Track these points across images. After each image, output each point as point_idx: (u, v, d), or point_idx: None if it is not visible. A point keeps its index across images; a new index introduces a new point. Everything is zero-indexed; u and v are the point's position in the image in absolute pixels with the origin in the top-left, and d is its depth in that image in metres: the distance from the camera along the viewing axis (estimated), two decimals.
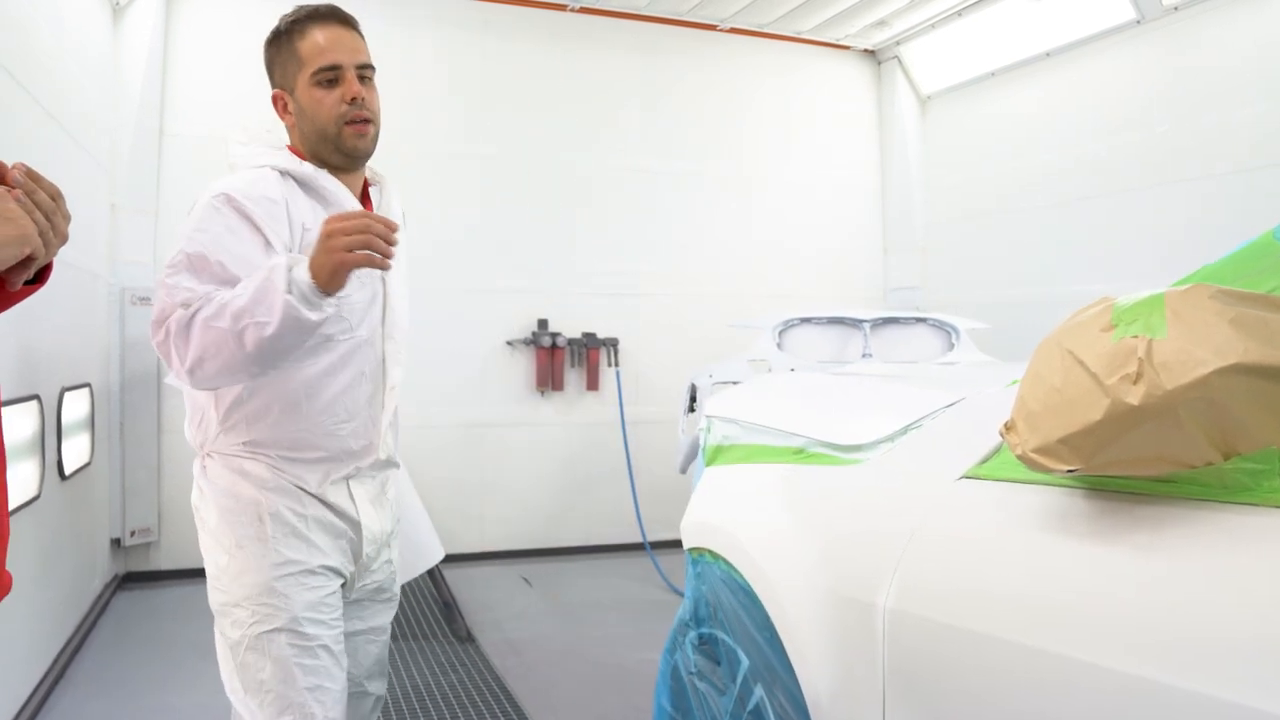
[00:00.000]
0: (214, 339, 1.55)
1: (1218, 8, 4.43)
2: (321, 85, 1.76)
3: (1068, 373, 1.09)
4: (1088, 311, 1.13)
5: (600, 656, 3.93)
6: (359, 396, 1.82)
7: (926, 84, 6.30)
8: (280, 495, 1.76)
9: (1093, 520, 1.18)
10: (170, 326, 1.58)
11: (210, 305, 1.57)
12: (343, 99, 1.76)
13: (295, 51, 1.78)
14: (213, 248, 1.64)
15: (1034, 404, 1.14)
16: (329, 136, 1.78)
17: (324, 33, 1.78)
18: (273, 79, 1.86)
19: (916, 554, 1.44)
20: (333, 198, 1.79)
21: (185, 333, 1.57)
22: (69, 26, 4.02)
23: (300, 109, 1.79)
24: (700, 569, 2.09)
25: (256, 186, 1.72)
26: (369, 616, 1.96)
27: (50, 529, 3.59)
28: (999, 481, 1.37)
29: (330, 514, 1.81)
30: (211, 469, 1.80)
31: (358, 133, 1.78)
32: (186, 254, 1.64)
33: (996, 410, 1.54)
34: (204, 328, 1.55)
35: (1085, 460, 1.09)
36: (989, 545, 1.33)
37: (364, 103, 1.77)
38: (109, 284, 4.74)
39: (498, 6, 5.60)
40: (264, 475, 1.76)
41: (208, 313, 1.56)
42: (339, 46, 1.78)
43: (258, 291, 1.53)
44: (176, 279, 1.62)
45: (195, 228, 1.66)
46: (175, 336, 1.58)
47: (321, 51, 1.77)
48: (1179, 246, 4.58)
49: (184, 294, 1.60)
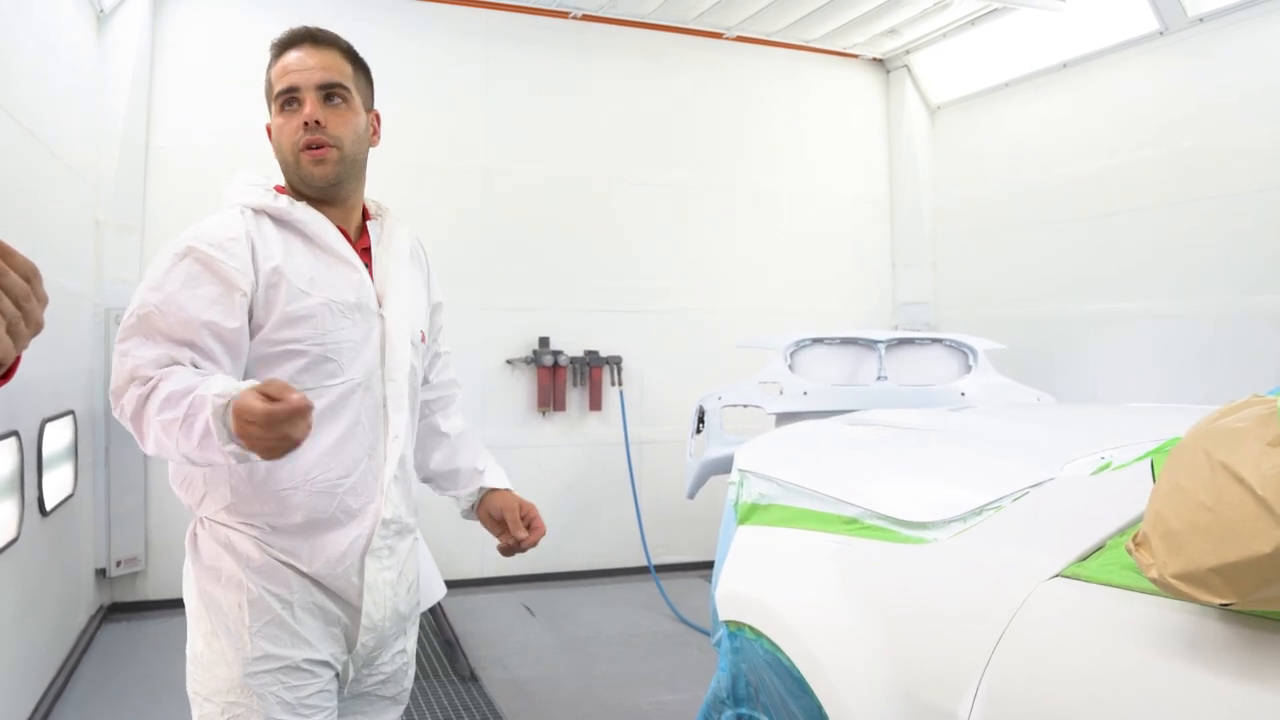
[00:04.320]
0: (162, 434, 1.41)
1: (1244, 20, 4.28)
2: (283, 111, 1.64)
3: (1222, 491, 0.93)
4: (1241, 414, 0.97)
5: (610, 697, 3.75)
6: (356, 448, 1.62)
7: (936, 94, 6.14)
8: (265, 578, 1.57)
9: (1236, 652, 1.01)
10: (125, 406, 1.47)
11: (158, 395, 1.43)
12: (301, 123, 1.62)
13: (268, 78, 1.68)
14: (166, 306, 1.50)
15: (1175, 521, 0.98)
16: (290, 165, 1.65)
17: (290, 54, 1.65)
18: None
19: (1007, 662, 1.28)
20: (309, 230, 1.63)
21: (140, 418, 1.45)
22: (52, 38, 3.83)
23: (272, 139, 1.68)
24: (739, 644, 1.92)
25: (220, 229, 1.58)
26: (372, 714, 1.73)
27: (31, 569, 3.40)
28: (1106, 586, 1.21)
29: (324, 597, 1.61)
30: (200, 539, 1.64)
31: (313, 159, 1.62)
32: (137, 316, 1.51)
33: (1091, 498, 1.38)
34: (156, 421, 1.42)
35: (1243, 595, 0.93)
36: (1099, 662, 1.17)
37: (318, 126, 1.61)
38: (94, 304, 4.54)
39: (498, 14, 5.42)
40: (250, 553, 1.58)
41: (156, 403, 1.43)
42: (300, 67, 1.63)
43: (189, 410, 1.39)
44: (127, 344, 1.49)
45: (150, 285, 1.53)
46: (132, 418, 1.46)
47: (283, 75, 1.64)
48: (1201, 267, 4.44)
49: (133, 362, 1.47)
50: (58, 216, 3.99)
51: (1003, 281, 5.66)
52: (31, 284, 0.92)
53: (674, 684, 3.88)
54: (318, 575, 1.59)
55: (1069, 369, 5.08)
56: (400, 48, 5.17)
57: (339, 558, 1.60)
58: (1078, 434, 1.87)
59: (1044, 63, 5.29)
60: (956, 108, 6.04)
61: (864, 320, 6.10)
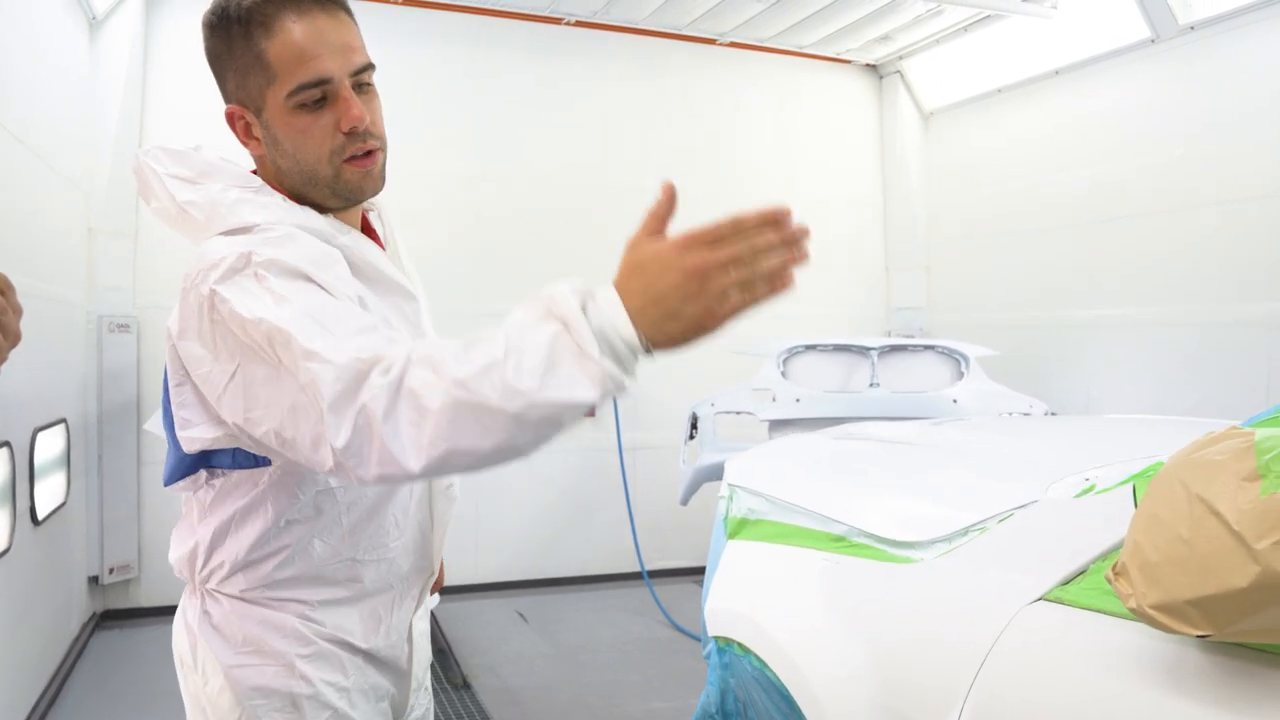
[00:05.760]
0: (470, 422, 0.95)
1: (1236, 28, 4.29)
2: (305, 108, 1.23)
3: (1199, 524, 0.94)
4: (1218, 447, 0.98)
5: (602, 705, 3.76)
6: (407, 500, 1.38)
7: (929, 100, 6.16)
8: (320, 665, 1.30)
9: (1215, 682, 1.02)
10: (369, 407, 0.98)
11: (426, 363, 0.99)
12: (338, 126, 1.24)
13: (259, 55, 1.22)
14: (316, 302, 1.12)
15: (1153, 553, 0.99)
16: (322, 179, 1.27)
17: (301, 25, 1.22)
18: (224, 87, 1.31)
19: (991, 684, 1.29)
20: (354, 255, 1.28)
21: (404, 408, 0.97)
22: (44, 45, 3.82)
23: (275, 140, 1.27)
24: (728, 659, 1.93)
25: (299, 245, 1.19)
26: None
27: (23, 578, 3.40)
28: (1088, 611, 1.22)
29: (376, 674, 1.38)
30: (219, 617, 1.30)
31: (362, 169, 1.28)
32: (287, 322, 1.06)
33: (1074, 522, 1.39)
34: (451, 403, 0.95)
35: (1220, 628, 0.94)
36: (1081, 688, 1.18)
37: (369, 128, 1.27)
38: (86, 312, 4.53)
39: (491, 20, 5.42)
40: (299, 632, 1.29)
41: (453, 376, 0.96)
42: (325, 45, 1.22)
43: (548, 350, 0.95)
44: (309, 350, 1.03)
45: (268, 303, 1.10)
46: (387, 418, 0.97)
47: (301, 58, 1.21)
48: (1193, 273, 4.46)
49: (346, 355, 1.01)
50: (50, 224, 3.98)
51: (996, 287, 5.68)
52: (5, 296, 0.92)
53: (666, 692, 3.89)
54: (375, 650, 1.37)
55: (1061, 375, 5.10)
56: (389, 53, 5.11)
57: (395, 626, 1.39)
58: (1064, 451, 1.89)
59: (1036, 69, 5.30)
60: (949, 114, 6.06)
61: (858, 325, 6.11)
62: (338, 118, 1.24)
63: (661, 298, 0.95)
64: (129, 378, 4.68)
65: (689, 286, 0.94)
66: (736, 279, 0.94)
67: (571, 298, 0.98)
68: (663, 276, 0.95)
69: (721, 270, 0.94)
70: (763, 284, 0.95)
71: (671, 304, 0.95)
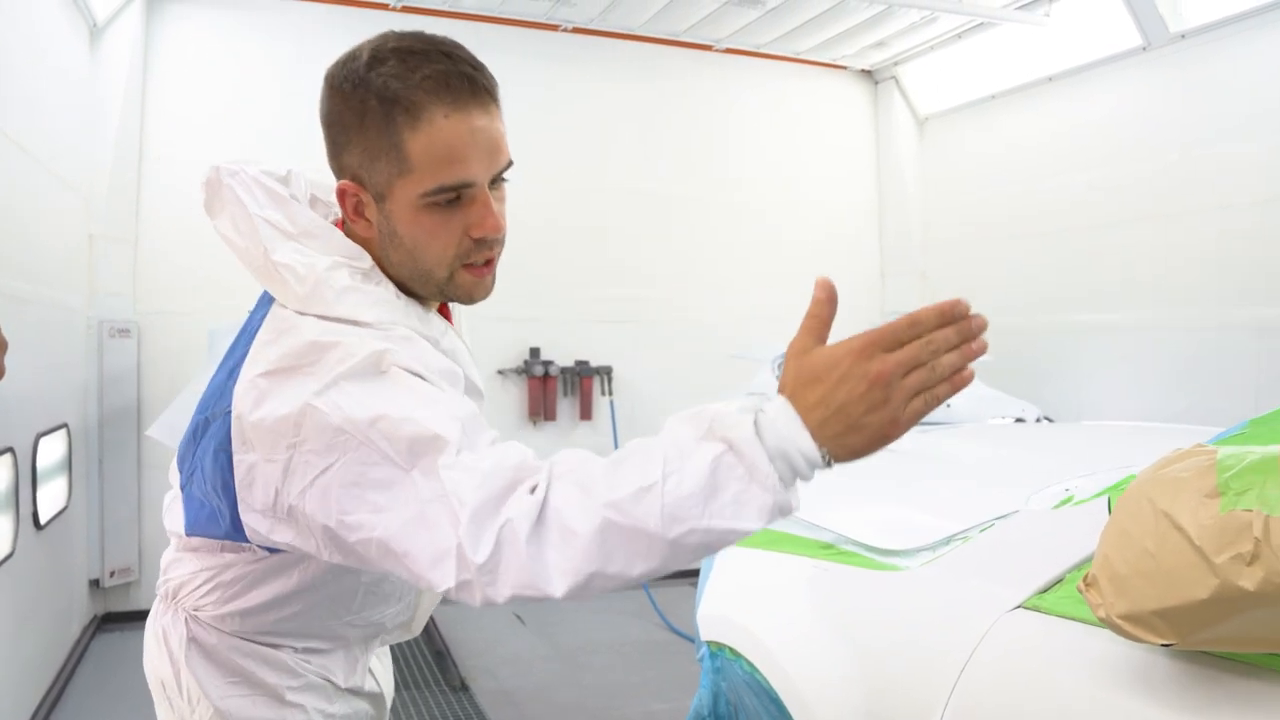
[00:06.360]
0: (623, 547, 0.89)
1: (1227, 36, 4.34)
2: (437, 208, 1.11)
3: (1164, 538, 0.98)
4: (1184, 464, 1.02)
5: (599, 707, 3.80)
6: None
7: (924, 105, 6.20)
8: (309, 694, 1.31)
9: (1182, 689, 1.06)
10: (514, 524, 0.91)
11: (575, 481, 0.93)
12: (468, 231, 1.13)
13: (398, 144, 1.08)
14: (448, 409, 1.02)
15: (1122, 565, 1.03)
16: (435, 280, 1.17)
17: (453, 122, 1.08)
18: (339, 157, 1.15)
19: (969, 691, 1.33)
20: (454, 358, 1.22)
21: (561, 532, 0.91)
22: (44, 52, 3.86)
23: (392, 232, 1.14)
24: (720, 663, 1.97)
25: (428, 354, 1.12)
26: None
27: (26, 582, 3.44)
28: (1063, 619, 1.26)
29: (357, 701, 1.40)
30: (208, 648, 1.27)
31: (477, 277, 1.18)
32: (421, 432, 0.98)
33: (1052, 533, 1.44)
34: (602, 526, 0.89)
35: (1182, 637, 0.98)
36: (1052, 695, 1.22)
37: (498, 236, 1.17)
38: (87, 317, 4.57)
39: (490, 27, 5.46)
40: (289, 666, 1.29)
41: (606, 498, 0.90)
42: (475, 147, 1.11)
43: (710, 473, 0.88)
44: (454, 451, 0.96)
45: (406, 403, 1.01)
46: (531, 537, 0.91)
47: (446, 160, 1.09)
48: (1185, 279, 4.50)
49: (492, 465, 0.94)
50: (51, 230, 4.02)
51: (990, 291, 5.70)
52: None
53: (663, 693, 3.93)
54: (354, 688, 1.39)
55: (1055, 380, 5.14)
56: None
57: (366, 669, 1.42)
58: (1047, 461, 1.93)
59: (1030, 76, 5.34)
60: (944, 119, 6.10)
61: (855, 328, 6.12)
62: (470, 223, 1.13)
63: (844, 409, 0.87)
64: (129, 382, 4.72)
65: (873, 396, 0.86)
66: (917, 382, 0.87)
67: (742, 418, 0.90)
68: (843, 386, 0.87)
69: (903, 375, 0.87)
70: (944, 384, 0.89)
71: (855, 415, 0.87)
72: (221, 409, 1.12)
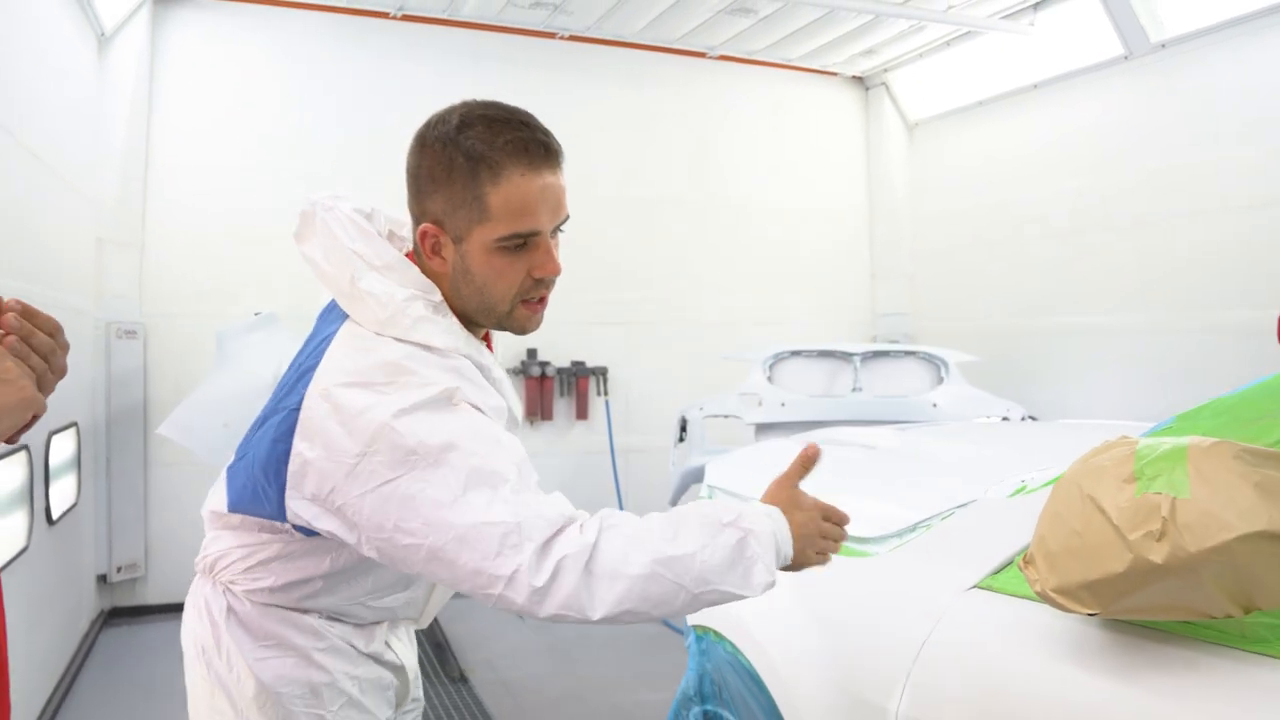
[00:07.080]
0: (658, 593, 1.19)
1: (1206, 45, 4.46)
2: (506, 250, 1.32)
3: (1088, 519, 1.10)
4: (1109, 454, 1.14)
5: (595, 698, 3.92)
6: None
7: (914, 111, 6.33)
8: (335, 657, 1.44)
9: (1109, 655, 1.19)
10: (571, 558, 1.17)
11: (639, 539, 1.21)
12: (529, 272, 1.35)
13: (479, 196, 1.29)
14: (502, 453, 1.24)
15: (1054, 544, 1.15)
16: (497, 313, 1.38)
17: (527, 180, 1.32)
18: (422, 203, 1.35)
19: (928, 664, 1.45)
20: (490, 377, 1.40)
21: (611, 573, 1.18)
22: (54, 59, 3.97)
23: (466, 270, 1.34)
24: (705, 646, 2.09)
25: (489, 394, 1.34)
26: None
27: (39, 576, 3.55)
28: (1012, 597, 1.38)
29: (379, 667, 1.52)
30: (244, 615, 1.41)
31: (532, 312, 1.40)
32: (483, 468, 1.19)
33: (1006, 519, 1.56)
34: (649, 575, 1.18)
35: (1104, 606, 1.10)
36: (1001, 665, 1.34)
37: (556, 277, 1.39)
38: (95, 319, 4.69)
39: (488, 34, 5.58)
40: (315, 629, 1.42)
41: (659, 554, 1.19)
42: (544, 203, 1.34)
43: (733, 552, 1.21)
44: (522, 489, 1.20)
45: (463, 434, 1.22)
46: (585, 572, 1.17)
47: (521, 212, 1.31)
48: (1167, 282, 4.62)
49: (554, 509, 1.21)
50: (59, 233, 4.13)
51: (978, 294, 5.84)
52: (55, 338, 0.98)
53: (656, 684, 4.04)
54: (374, 654, 1.52)
55: (1040, 380, 5.26)
56: (391, 68, 5.32)
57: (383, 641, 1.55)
58: (1010, 455, 2.05)
59: (1016, 83, 5.47)
60: (933, 125, 6.23)
61: (845, 330, 6.28)
62: (533, 264, 1.35)
63: (804, 537, 1.30)
64: (136, 382, 4.83)
65: (817, 542, 1.32)
66: (829, 544, 1.34)
67: (766, 520, 1.26)
68: (808, 525, 1.31)
69: (822, 541, 1.33)
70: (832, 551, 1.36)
71: (806, 543, 1.30)
72: (288, 405, 1.28)
